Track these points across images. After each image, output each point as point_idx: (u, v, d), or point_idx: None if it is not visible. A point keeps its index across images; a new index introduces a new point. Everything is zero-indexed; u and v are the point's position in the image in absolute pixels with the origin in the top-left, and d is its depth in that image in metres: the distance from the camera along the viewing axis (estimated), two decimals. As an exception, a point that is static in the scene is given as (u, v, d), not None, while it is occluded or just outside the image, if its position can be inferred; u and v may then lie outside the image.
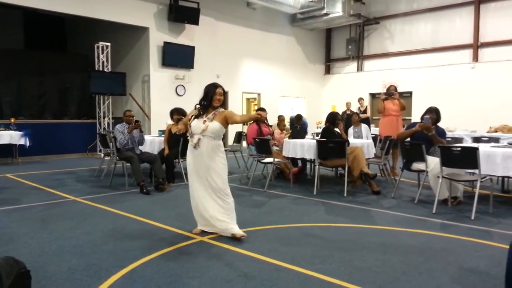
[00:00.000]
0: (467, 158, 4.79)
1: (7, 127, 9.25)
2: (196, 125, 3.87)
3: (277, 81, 14.66)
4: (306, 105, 15.83)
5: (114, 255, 3.47)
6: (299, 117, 8.86)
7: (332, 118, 6.63)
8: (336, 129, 6.60)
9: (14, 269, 2.07)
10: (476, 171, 4.79)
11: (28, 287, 2.23)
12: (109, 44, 10.94)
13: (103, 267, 3.20)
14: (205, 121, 3.85)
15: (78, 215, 4.82)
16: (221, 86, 3.94)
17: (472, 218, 4.65)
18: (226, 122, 3.89)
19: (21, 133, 9.09)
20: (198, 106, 3.94)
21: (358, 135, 8.02)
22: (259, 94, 14.26)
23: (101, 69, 10.82)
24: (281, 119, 8.49)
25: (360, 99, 11.68)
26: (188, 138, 3.99)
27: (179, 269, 3.18)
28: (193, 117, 3.91)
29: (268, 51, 14.23)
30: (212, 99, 3.86)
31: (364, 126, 8.16)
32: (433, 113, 5.60)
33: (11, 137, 8.97)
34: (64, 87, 12.13)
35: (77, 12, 10.00)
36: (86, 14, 10.11)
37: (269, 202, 5.54)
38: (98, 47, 10.84)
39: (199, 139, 3.84)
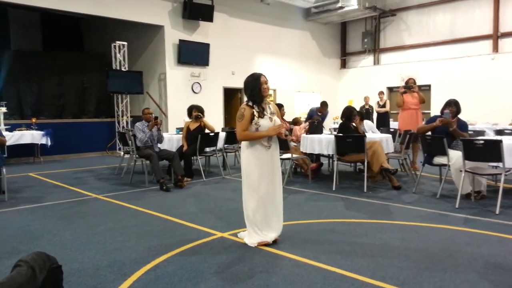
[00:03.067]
0: (491, 151, 4.69)
1: (28, 127, 9.45)
2: (266, 123, 3.57)
3: (292, 76, 14.59)
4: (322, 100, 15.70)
5: (136, 252, 3.51)
6: (324, 103, 8.72)
7: (348, 113, 6.55)
8: (353, 124, 6.53)
9: (47, 264, 2.11)
10: (500, 164, 4.69)
11: (60, 282, 2.27)
12: (125, 43, 11.04)
13: (127, 264, 3.24)
14: (270, 117, 3.60)
15: (100, 212, 4.90)
16: (262, 74, 3.62)
17: (497, 212, 4.55)
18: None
19: (42, 132, 9.26)
20: (249, 104, 3.60)
21: None
22: (274, 90, 14.19)
23: (118, 68, 10.94)
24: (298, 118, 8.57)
25: (380, 93, 11.52)
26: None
27: (201, 265, 3.20)
28: (255, 117, 3.54)
29: (282, 47, 14.16)
30: (261, 90, 3.57)
31: (366, 122, 7.93)
32: (453, 106, 5.49)
33: (33, 136, 9.15)
34: (82, 87, 12.31)
35: (93, 12, 10.12)
36: (102, 14, 10.22)
37: (288, 198, 5.52)
38: (115, 46, 10.95)
39: (271, 137, 3.62)
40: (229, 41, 12.59)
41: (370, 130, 7.61)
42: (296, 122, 8.25)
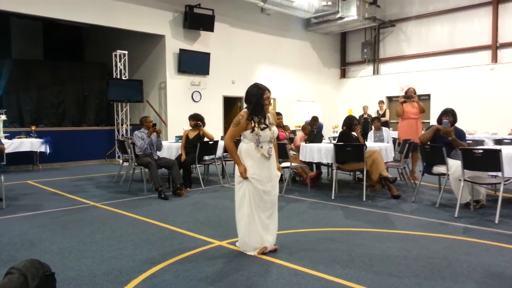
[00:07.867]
0: (490, 160, 4.68)
1: (28, 135, 9.45)
2: (265, 133, 3.57)
3: (292, 86, 14.63)
4: (321, 110, 15.75)
5: (133, 260, 3.49)
6: (315, 119, 8.72)
7: (349, 122, 6.57)
8: (353, 133, 6.53)
9: (40, 272, 2.09)
10: (499, 173, 4.68)
11: None
12: (126, 52, 11.10)
13: (123, 272, 3.22)
14: (269, 127, 3.62)
15: (98, 220, 4.87)
16: (266, 89, 3.59)
17: (496, 222, 4.53)
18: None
19: (41, 140, 9.26)
20: (249, 114, 3.58)
21: (379, 139, 7.91)
22: (274, 99, 14.22)
23: (118, 77, 10.98)
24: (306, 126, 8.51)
25: (380, 102, 11.53)
26: (256, 149, 3.59)
27: (198, 273, 3.17)
28: (255, 127, 3.55)
29: (282, 56, 14.23)
30: (263, 106, 3.57)
31: (385, 129, 8.06)
32: (450, 115, 5.51)
33: (32, 144, 9.14)
34: (82, 95, 12.34)
35: (95, 22, 10.17)
36: (104, 23, 10.27)
37: (286, 207, 5.51)
38: (115, 55, 11.00)
39: (270, 148, 3.64)
40: (229, 51, 12.66)
41: (386, 140, 7.68)
42: (304, 128, 8.20)
